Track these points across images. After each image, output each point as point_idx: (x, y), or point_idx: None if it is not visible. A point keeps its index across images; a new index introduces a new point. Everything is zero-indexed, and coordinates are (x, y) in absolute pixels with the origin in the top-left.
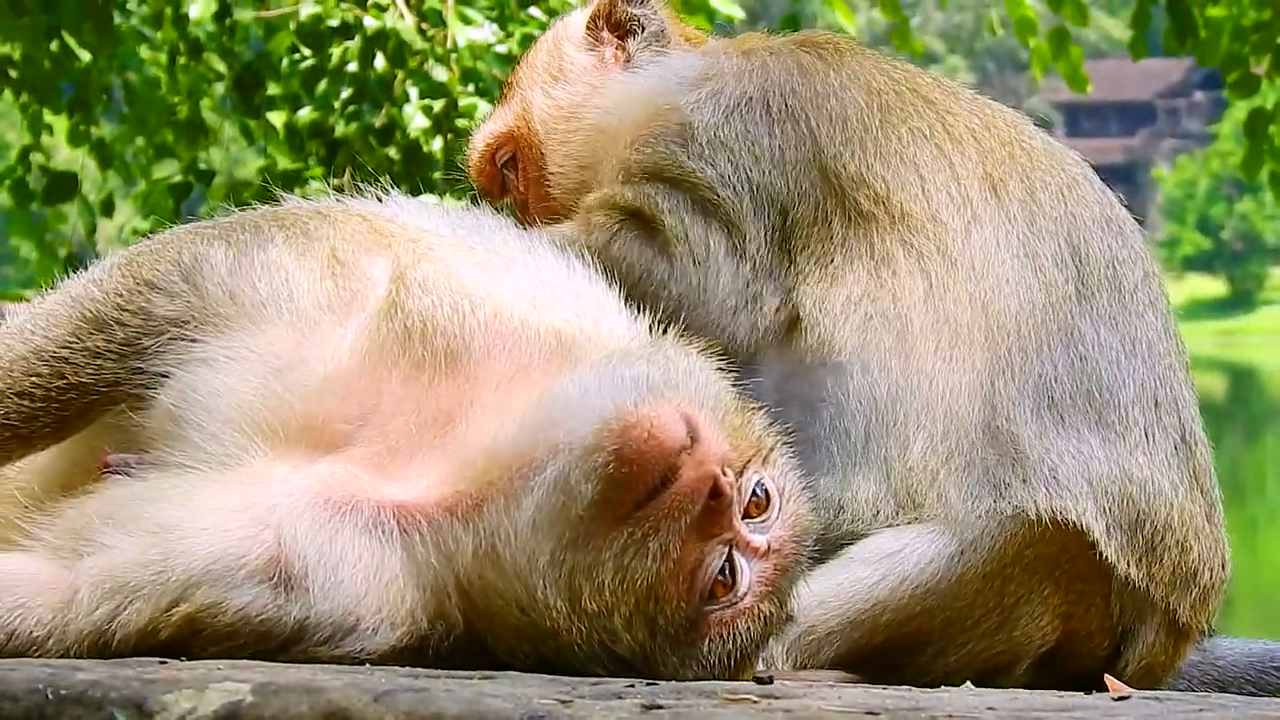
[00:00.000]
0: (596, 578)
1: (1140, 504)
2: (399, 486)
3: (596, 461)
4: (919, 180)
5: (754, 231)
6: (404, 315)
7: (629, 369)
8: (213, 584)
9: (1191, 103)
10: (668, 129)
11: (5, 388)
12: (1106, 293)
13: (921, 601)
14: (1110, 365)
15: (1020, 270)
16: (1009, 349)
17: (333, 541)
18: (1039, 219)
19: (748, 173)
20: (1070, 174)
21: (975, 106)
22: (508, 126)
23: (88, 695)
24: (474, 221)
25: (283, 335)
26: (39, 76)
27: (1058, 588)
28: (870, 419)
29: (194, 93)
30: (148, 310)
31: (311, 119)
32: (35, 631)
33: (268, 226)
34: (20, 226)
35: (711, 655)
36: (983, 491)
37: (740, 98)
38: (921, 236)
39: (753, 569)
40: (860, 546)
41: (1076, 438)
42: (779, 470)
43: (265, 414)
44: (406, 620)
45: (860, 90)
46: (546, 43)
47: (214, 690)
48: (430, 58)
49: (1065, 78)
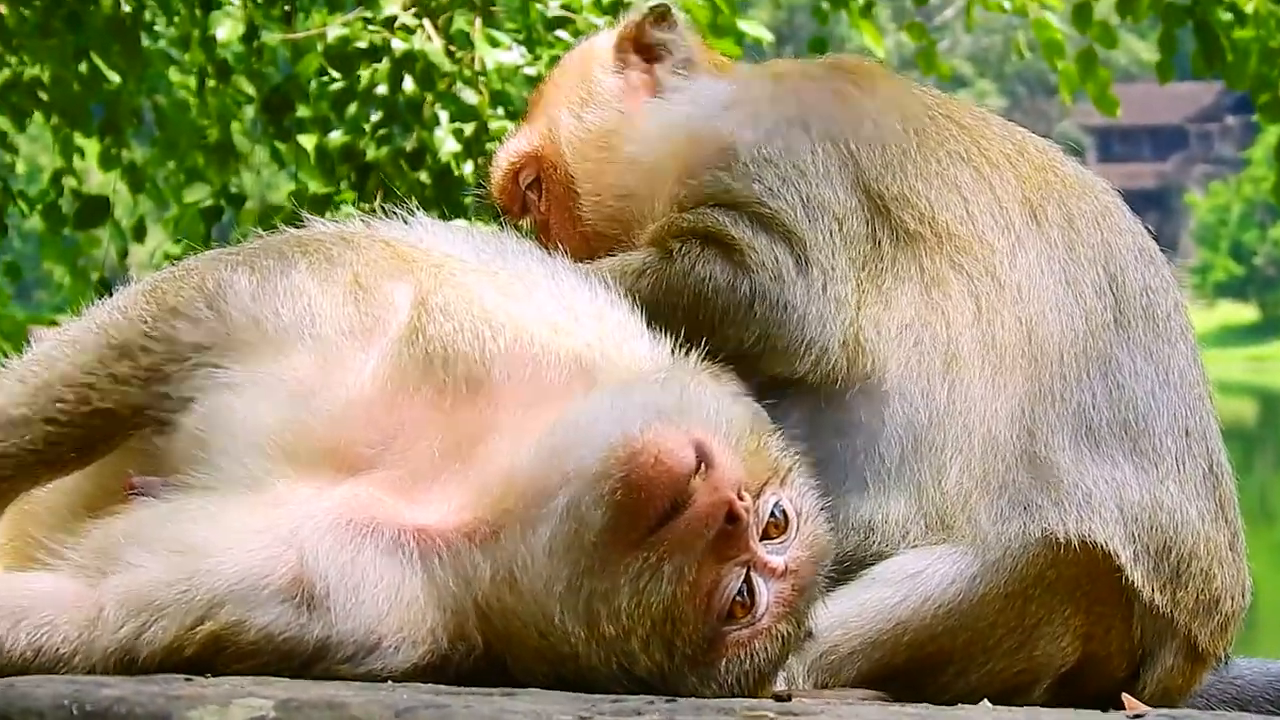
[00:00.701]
0: (613, 602)
1: (1168, 531)
2: (420, 510)
3: (604, 489)
4: (962, 201)
5: (813, 239)
6: (425, 341)
7: (639, 395)
8: (237, 603)
9: (1224, 127)
10: (709, 156)
11: (32, 413)
12: (1142, 322)
13: (943, 621)
14: (1146, 395)
15: (1063, 296)
16: (1051, 376)
17: (354, 562)
18: (1078, 246)
19: (795, 185)
20: (1103, 201)
21: (1006, 132)
22: (533, 147)
23: (113, 711)
24: (498, 246)
25: (305, 361)
26: (69, 99)
27: (1079, 609)
28: (907, 443)
29: (223, 116)
30: (172, 337)
31: (342, 142)
32: (61, 649)
33: (291, 252)
34: (53, 251)
35: (730, 675)
36: (1013, 514)
37: (778, 119)
38: (970, 258)
39: (770, 590)
40: (883, 567)
41: (1111, 465)
42: (797, 491)
43: (288, 438)
44: (427, 639)
45: (895, 115)
46: (573, 64)
47: (238, 706)
48: (459, 80)
49: (1094, 100)
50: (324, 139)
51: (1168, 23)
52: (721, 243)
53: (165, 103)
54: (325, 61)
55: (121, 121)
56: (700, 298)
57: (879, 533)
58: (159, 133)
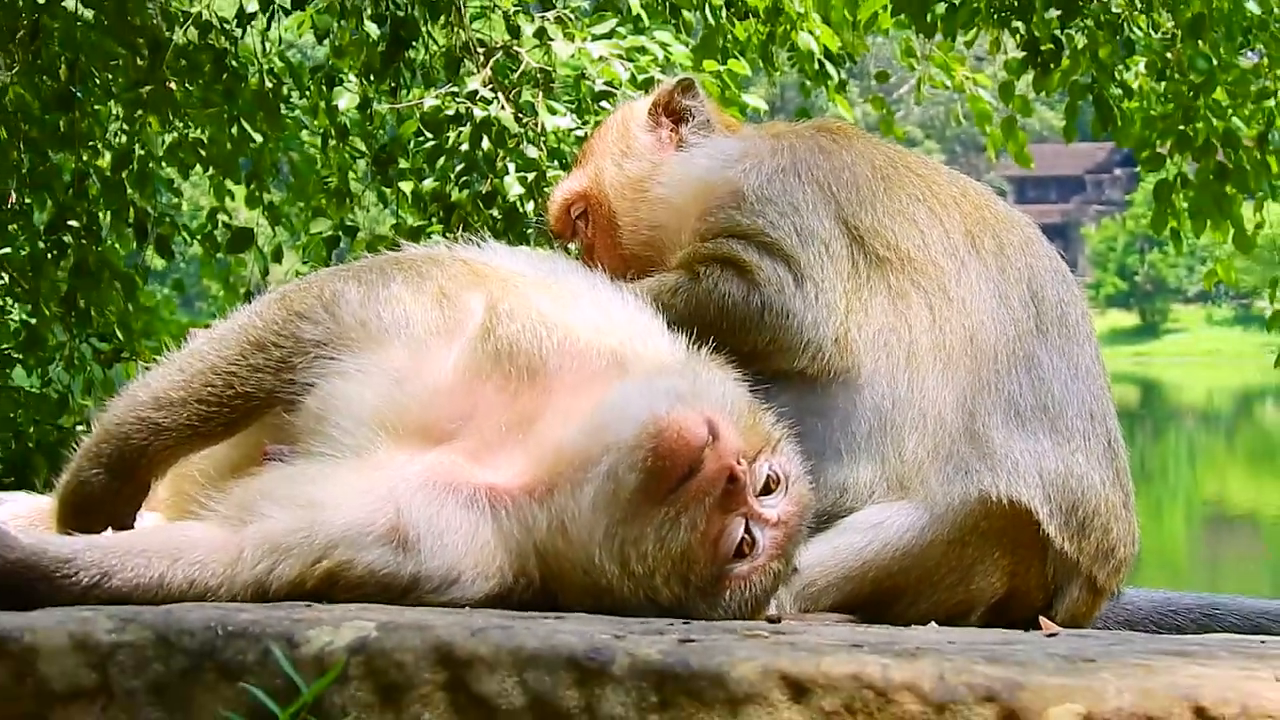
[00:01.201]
0: (641, 547)
1: (1077, 494)
2: (490, 472)
3: (637, 457)
4: (919, 234)
5: (806, 260)
6: (495, 339)
7: (663, 382)
8: (347, 546)
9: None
10: (723, 199)
11: (188, 395)
12: (1057, 328)
13: (900, 562)
14: (1061, 386)
15: (996, 308)
16: (987, 370)
17: (439, 514)
18: (1008, 268)
19: (790, 218)
20: (1026, 233)
21: (951, 178)
22: (583, 188)
23: (249, 631)
24: (551, 264)
25: (401, 354)
26: (223, 155)
27: (1005, 553)
28: (874, 422)
29: (342, 167)
30: (297, 335)
31: (433, 187)
32: (210, 582)
33: (390, 268)
34: (209, 270)
35: (733, 602)
36: (956, 477)
37: (776, 167)
38: (925, 277)
39: (765, 535)
40: (852, 518)
41: (1034, 440)
42: (785, 458)
43: (388, 415)
44: (496, 575)
45: (866, 165)
46: (616, 122)
47: (347, 627)
48: (524, 140)
49: (1014, 156)
50: (419, 185)
51: (1073, 96)
52: (736, 265)
53: (297, 157)
54: (422, 125)
55: (263, 172)
56: (723, 310)
57: (850, 493)
58: (292, 180)
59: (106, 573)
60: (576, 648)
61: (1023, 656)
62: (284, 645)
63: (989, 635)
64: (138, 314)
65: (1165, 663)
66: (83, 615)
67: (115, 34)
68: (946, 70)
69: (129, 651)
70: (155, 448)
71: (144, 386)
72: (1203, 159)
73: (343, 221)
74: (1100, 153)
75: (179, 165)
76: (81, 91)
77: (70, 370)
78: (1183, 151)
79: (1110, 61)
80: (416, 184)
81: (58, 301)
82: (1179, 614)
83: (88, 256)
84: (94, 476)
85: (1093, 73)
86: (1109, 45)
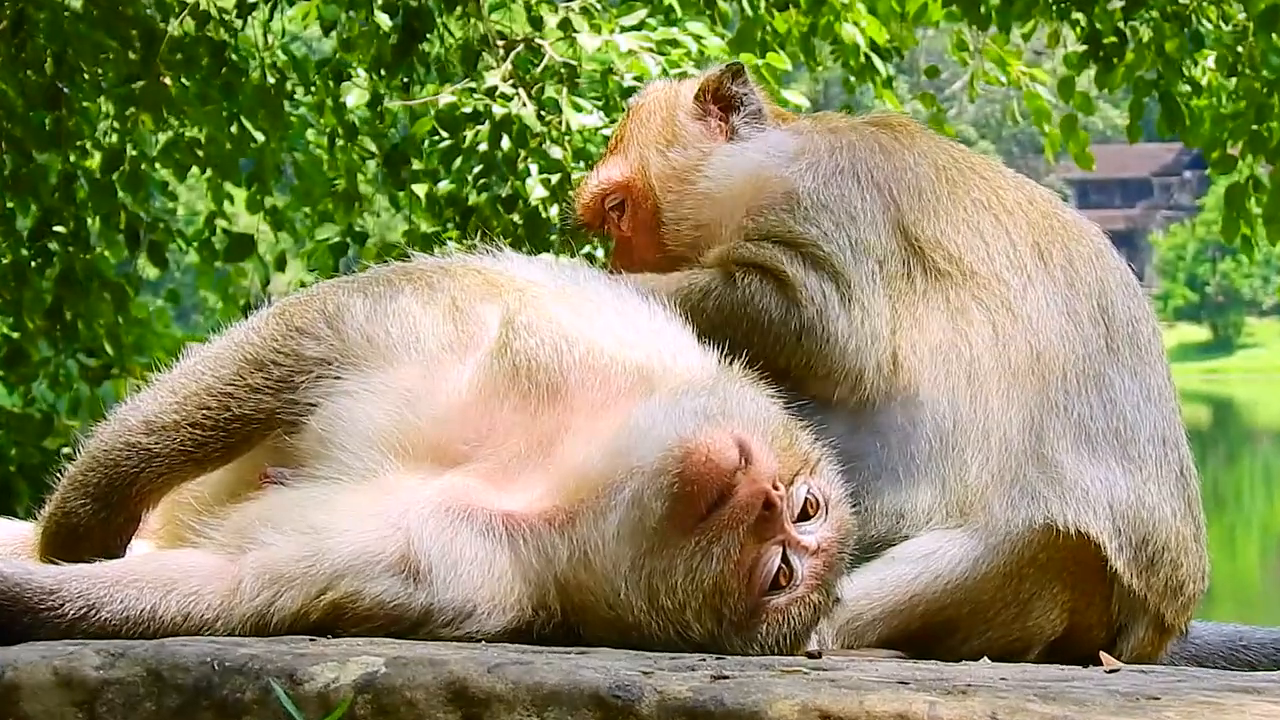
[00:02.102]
0: (670, 579)
1: (1148, 526)
2: (508, 498)
3: (663, 483)
4: (984, 245)
5: (857, 279)
6: (512, 354)
7: (691, 401)
8: (354, 576)
9: (1182, 180)
10: (775, 198)
11: (181, 419)
12: (1128, 347)
13: (952, 595)
14: (1133, 409)
15: (1065, 325)
16: (1056, 391)
17: (453, 542)
18: (1077, 282)
19: (846, 229)
20: (1095, 244)
21: (1016, 182)
22: (624, 178)
23: (248, 667)
24: (571, 273)
25: (411, 371)
26: (222, 155)
27: (1066, 587)
28: (935, 445)
29: (350, 169)
30: (299, 352)
31: (448, 190)
32: (206, 614)
33: (398, 279)
34: (207, 280)
35: (770, 637)
36: (1022, 503)
37: (834, 168)
38: (989, 293)
39: (804, 564)
40: (901, 547)
41: (1105, 468)
42: (825, 479)
43: (398, 436)
44: (514, 607)
45: (930, 167)
46: (660, 107)
47: (354, 663)
48: (547, 139)
49: (1074, 158)
50: (434, 188)
51: (1137, 93)
52: (778, 277)
53: (302, 158)
54: (436, 124)
55: (265, 173)
56: (756, 324)
57: (908, 519)
58: (297, 182)
59: (94, 604)
60: (601, 685)
61: (1081, 694)
62: (286, 682)
63: (1045, 671)
64: (129, 327)
65: (1235, 700)
66: (69, 650)
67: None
68: (1001, 65)
69: (118, 689)
70: (147, 476)
71: (134, 410)
72: (1278, 161)
73: (351, 227)
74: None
75: (174, 166)
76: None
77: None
78: (1256, 153)
79: (1178, 56)
80: (431, 186)
81: (42, 313)
82: (1250, 649)
83: (75, 265)
84: (80, 507)
85: (1159, 68)
86: (1176, 38)
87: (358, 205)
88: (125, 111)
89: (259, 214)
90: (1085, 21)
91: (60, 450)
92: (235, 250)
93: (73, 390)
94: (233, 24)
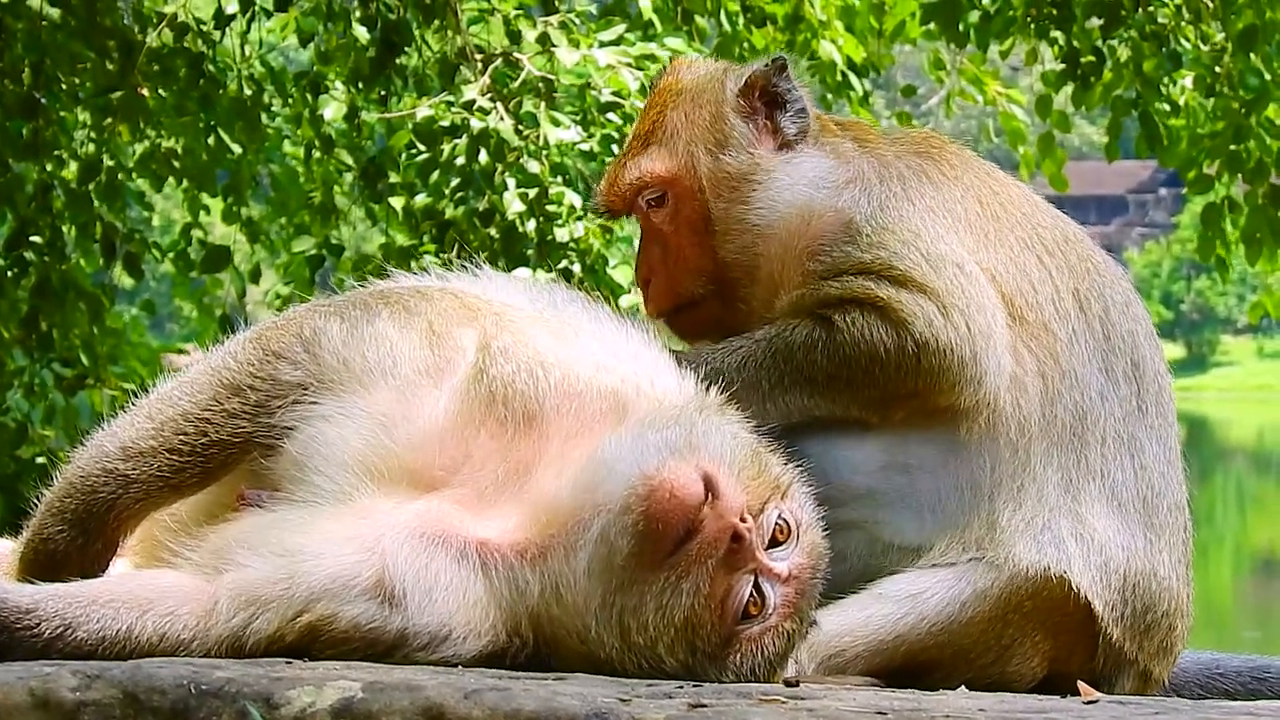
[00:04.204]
0: (641, 616)
1: (1154, 595)
2: (483, 525)
3: (628, 521)
4: (1032, 290)
5: (944, 287)
6: (489, 381)
7: (656, 434)
8: (330, 599)
9: (1158, 197)
10: (833, 232)
11: (158, 444)
12: (1154, 407)
13: (935, 638)
14: (1159, 476)
15: (1104, 383)
16: (1094, 455)
17: (428, 567)
18: (1113, 336)
19: (914, 245)
20: (1125, 291)
21: (1052, 219)
22: (669, 172)
23: (224, 690)
24: (549, 295)
25: (388, 396)
26: (198, 166)
27: (1048, 636)
28: (967, 492)
29: (327, 181)
30: (275, 377)
31: (425, 204)
32: (182, 635)
33: (375, 303)
34: (183, 291)
35: (745, 666)
36: (1049, 549)
37: (888, 194)
38: (1038, 342)
39: (776, 592)
40: (890, 583)
41: (1130, 535)
42: (797, 503)
43: (374, 460)
44: (489, 633)
45: (975, 202)
46: (708, 102)
47: (330, 687)
48: (525, 153)
49: (1049, 179)
50: (410, 201)
51: (1116, 113)
52: (875, 306)
53: (279, 170)
54: (414, 137)
55: (242, 185)
56: (875, 358)
57: (924, 557)
58: (273, 194)
59: (70, 624)
60: (578, 712)
61: None
62: (262, 706)
63: (1022, 702)
64: (104, 337)
65: None
66: (45, 671)
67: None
68: (978, 85)
69: (94, 711)
70: (124, 502)
71: (111, 436)
72: (1254, 181)
73: (327, 239)
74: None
75: (151, 177)
76: (47, 97)
77: (30, 398)
78: (1233, 173)
79: (1156, 75)
80: (408, 200)
81: (17, 323)
82: (1227, 678)
83: (51, 275)
84: (58, 534)
85: (1137, 87)
86: (1155, 58)
87: (334, 217)
88: (102, 122)
89: (235, 225)
90: (1063, 40)
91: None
92: (211, 261)
93: (47, 400)
94: (211, 35)
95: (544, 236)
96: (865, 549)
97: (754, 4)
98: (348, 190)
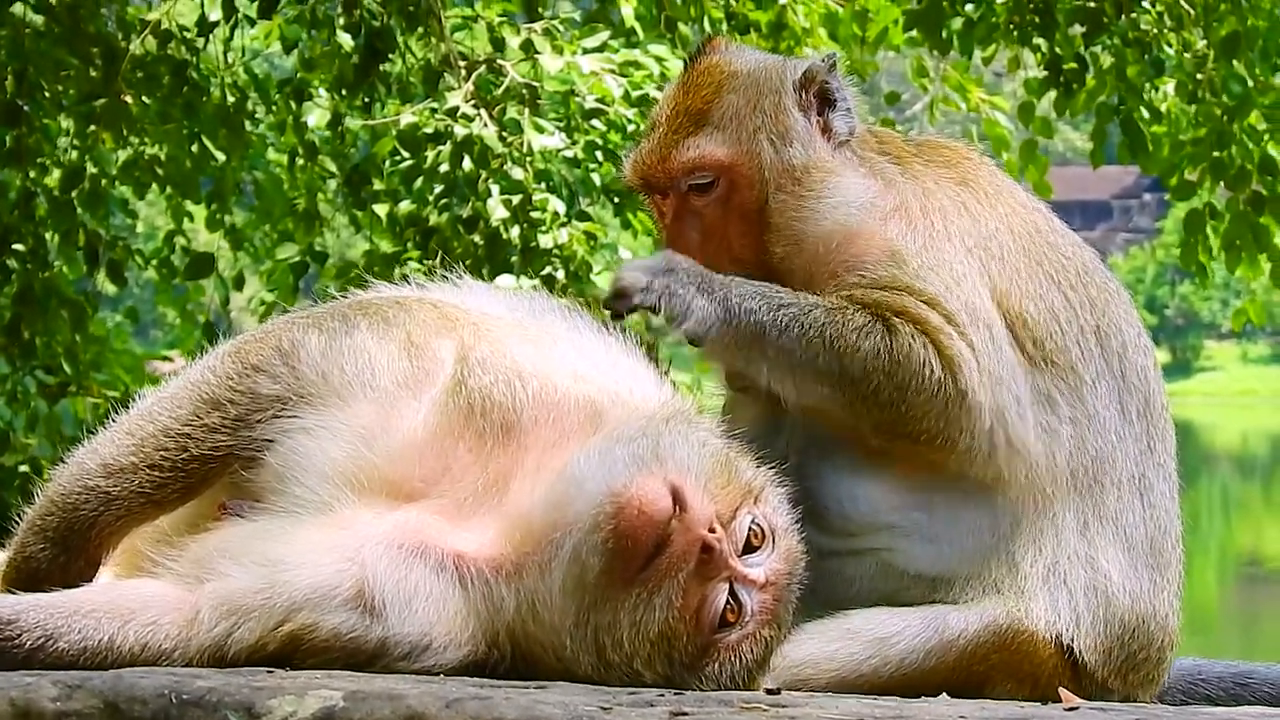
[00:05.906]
0: (615, 633)
1: (1150, 635)
2: (461, 538)
3: (597, 539)
4: (1060, 330)
5: (979, 343)
6: (467, 393)
7: (624, 447)
8: (311, 609)
9: (1142, 202)
10: (878, 256)
11: (139, 460)
12: (1162, 444)
13: (899, 682)
14: (1165, 513)
15: (1120, 425)
16: (1111, 500)
17: (407, 578)
18: (1129, 374)
19: (955, 291)
20: (1136, 323)
21: (1074, 248)
22: (730, 160)
23: (206, 699)
24: (529, 304)
25: (367, 408)
26: (182, 173)
27: (1021, 684)
28: (989, 541)
29: (311, 188)
30: (255, 390)
31: (409, 210)
32: (164, 644)
33: (353, 315)
34: (166, 298)
35: (724, 674)
36: (1060, 595)
37: (930, 231)
38: (1066, 385)
39: (753, 599)
40: (861, 619)
41: (1137, 577)
42: (771, 507)
43: (354, 472)
44: (469, 643)
45: (1008, 233)
46: (769, 90)
47: (312, 696)
48: (509, 160)
49: (1033, 185)
50: (394, 208)
51: (1100, 120)
52: (927, 330)
53: (262, 177)
54: (398, 144)
55: (225, 192)
56: (921, 381)
57: (939, 593)
58: (257, 201)
59: (52, 634)
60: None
61: None
62: (243, 715)
63: (1004, 709)
64: (87, 344)
65: None
66: (25, 681)
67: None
68: (961, 91)
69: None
70: (105, 519)
71: (91, 453)
72: (1236, 188)
73: (311, 247)
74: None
75: (134, 184)
76: (30, 104)
77: (13, 405)
78: (1215, 179)
79: (1138, 82)
80: (391, 207)
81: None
82: (1209, 683)
83: (33, 282)
84: (39, 551)
85: (1120, 94)
86: (1137, 65)
87: (318, 224)
88: (85, 129)
89: (219, 232)
90: (1046, 47)
91: (17, 467)
92: (195, 268)
93: (30, 408)
94: (194, 43)
95: (528, 243)
96: (879, 575)
97: (737, 11)
98: (331, 197)
